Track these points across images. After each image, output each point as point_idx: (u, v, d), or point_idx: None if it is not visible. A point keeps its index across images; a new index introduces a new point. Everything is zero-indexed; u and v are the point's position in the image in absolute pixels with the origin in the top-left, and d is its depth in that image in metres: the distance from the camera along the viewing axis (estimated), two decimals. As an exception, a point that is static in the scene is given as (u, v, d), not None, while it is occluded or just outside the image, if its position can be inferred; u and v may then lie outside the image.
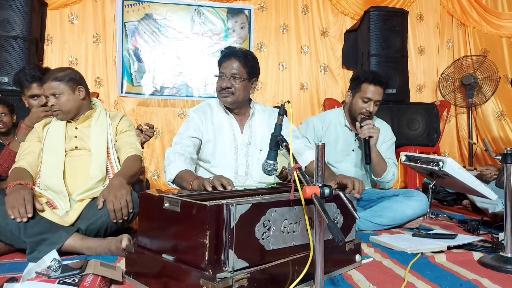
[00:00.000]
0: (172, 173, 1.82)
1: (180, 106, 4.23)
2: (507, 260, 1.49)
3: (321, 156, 1.07)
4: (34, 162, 1.85)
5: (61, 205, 1.73)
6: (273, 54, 4.43)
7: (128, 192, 1.68)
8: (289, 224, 1.20)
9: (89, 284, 1.13)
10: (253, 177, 1.97)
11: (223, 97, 1.95)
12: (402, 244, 1.75)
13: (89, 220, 1.65)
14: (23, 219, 1.51)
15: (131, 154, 1.93)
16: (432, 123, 3.95)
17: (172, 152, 1.91)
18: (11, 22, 3.46)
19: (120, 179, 1.75)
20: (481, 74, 4.37)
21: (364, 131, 2.20)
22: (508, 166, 1.53)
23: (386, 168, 2.28)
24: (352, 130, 2.39)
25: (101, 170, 1.85)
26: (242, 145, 2.00)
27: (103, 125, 1.97)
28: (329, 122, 2.41)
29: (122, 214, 1.64)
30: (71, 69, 2.02)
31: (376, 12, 4.03)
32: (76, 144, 1.90)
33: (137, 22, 4.16)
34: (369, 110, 2.25)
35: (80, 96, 1.94)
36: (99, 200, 1.66)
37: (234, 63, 1.92)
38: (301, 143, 2.05)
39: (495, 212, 2.35)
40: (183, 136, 1.97)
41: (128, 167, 1.87)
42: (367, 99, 2.24)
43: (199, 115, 2.02)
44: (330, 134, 2.39)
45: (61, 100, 1.89)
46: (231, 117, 2.03)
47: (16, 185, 1.63)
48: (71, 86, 1.91)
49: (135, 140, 2.03)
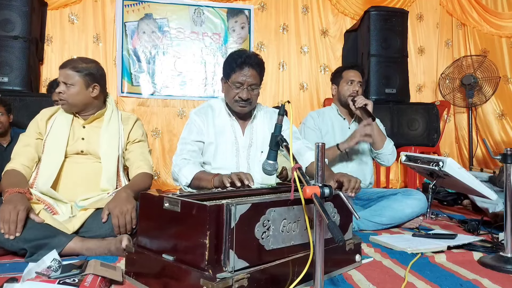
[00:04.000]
0: (188, 177, 1.81)
1: (180, 106, 4.22)
2: (507, 260, 1.49)
3: (321, 156, 1.07)
4: (28, 163, 1.78)
5: (62, 210, 1.70)
6: (273, 54, 4.43)
7: (134, 207, 1.63)
8: (288, 223, 1.20)
9: (89, 284, 1.13)
10: (255, 179, 1.95)
11: (240, 107, 1.92)
12: (402, 244, 1.75)
13: (93, 232, 1.64)
14: (10, 237, 1.47)
15: (144, 171, 1.88)
16: (432, 123, 3.95)
17: (179, 159, 1.90)
18: (11, 22, 3.46)
19: (128, 191, 1.71)
20: (481, 74, 4.37)
21: (358, 101, 2.37)
22: (508, 166, 1.53)
23: (385, 138, 2.43)
24: (345, 119, 2.55)
25: (112, 184, 1.80)
26: (243, 147, 1.98)
27: (115, 130, 1.87)
28: (323, 113, 2.59)
29: (126, 230, 1.61)
30: (96, 63, 1.88)
31: (376, 12, 4.03)
32: (82, 148, 1.81)
33: (137, 22, 4.16)
34: (355, 90, 2.45)
35: (93, 94, 1.83)
36: (104, 212, 1.63)
37: (251, 72, 1.87)
38: (302, 143, 2.05)
39: (495, 212, 2.35)
40: (187, 141, 1.95)
41: (138, 183, 1.82)
42: (350, 81, 2.47)
43: (201, 117, 1.99)
44: (326, 123, 2.54)
45: (71, 91, 1.78)
46: (233, 119, 2.01)
47: (15, 193, 1.58)
48: (86, 81, 1.80)
49: (148, 153, 1.98)
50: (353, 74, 2.48)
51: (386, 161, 2.48)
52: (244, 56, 1.87)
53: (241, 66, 1.86)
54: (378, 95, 3.96)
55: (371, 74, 3.94)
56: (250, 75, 1.87)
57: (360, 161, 2.49)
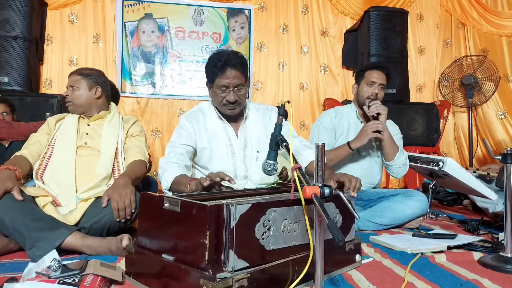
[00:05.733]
0: (168, 180, 1.80)
1: (180, 106, 4.22)
2: (507, 260, 1.49)
3: (321, 156, 1.07)
4: (36, 151, 1.90)
5: (64, 202, 1.74)
6: (273, 54, 4.43)
7: (133, 192, 1.70)
8: (289, 224, 1.20)
9: (89, 284, 1.13)
10: (253, 180, 1.95)
11: (230, 109, 1.89)
12: (402, 244, 1.75)
13: (92, 218, 1.68)
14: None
15: (138, 159, 1.95)
16: (432, 123, 3.95)
17: (165, 161, 1.89)
18: (11, 22, 3.46)
19: (126, 179, 1.77)
20: (481, 74, 4.37)
21: (372, 109, 2.28)
22: (508, 166, 1.53)
23: (397, 150, 2.32)
24: (362, 122, 2.45)
25: (107, 169, 1.87)
26: (238, 149, 1.95)
27: (115, 126, 2.02)
28: (342, 114, 2.49)
29: (126, 213, 1.66)
30: (100, 72, 2.12)
31: (376, 12, 4.03)
32: (86, 140, 1.94)
33: (137, 22, 4.16)
34: (374, 92, 2.35)
35: (95, 96, 2.03)
36: (103, 198, 1.68)
37: (234, 73, 1.81)
38: (299, 142, 2.03)
39: (495, 212, 2.35)
40: (175, 145, 1.94)
41: (133, 169, 1.89)
42: (371, 83, 2.37)
43: (190, 122, 1.96)
44: (343, 124, 2.45)
45: (75, 93, 1.99)
46: (225, 122, 1.97)
47: (4, 169, 1.68)
48: (89, 84, 2.02)
49: (144, 145, 2.06)
50: (376, 76, 2.37)
51: (396, 173, 2.38)
52: (223, 59, 1.81)
53: (223, 69, 1.81)
54: (378, 95, 3.96)
55: (371, 74, 3.94)
56: (234, 76, 1.81)
57: (369, 162, 2.43)
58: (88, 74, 2.03)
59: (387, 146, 2.30)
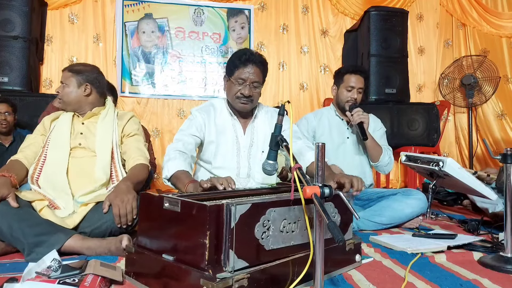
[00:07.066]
0: (170, 171, 1.80)
1: (180, 106, 4.23)
2: (507, 260, 1.49)
3: (321, 156, 1.07)
4: (31, 154, 1.87)
5: (62, 205, 1.72)
6: (273, 54, 4.43)
7: (135, 197, 1.66)
8: (288, 224, 1.20)
9: (89, 284, 1.13)
10: (255, 179, 1.96)
11: (242, 103, 1.92)
12: (402, 244, 1.75)
13: (93, 224, 1.65)
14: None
15: (140, 163, 1.91)
16: (432, 123, 3.95)
17: (173, 149, 1.88)
18: (11, 22, 3.47)
19: (128, 183, 1.73)
20: (481, 74, 4.37)
21: (355, 117, 2.33)
22: (508, 166, 1.53)
23: (381, 151, 2.40)
24: (343, 119, 2.52)
25: (106, 173, 1.83)
26: (244, 147, 1.98)
27: (109, 124, 1.95)
28: (321, 114, 2.57)
29: (127, 220, 1.62)
30: (93, 68, 2.03)
31: (376, 12, 4.04)
32: (80, 141, 1.89)
33: (137, 22, 4.16)
34: (353, 98, 2.41)
35: (84, 93, 1.94)
36: (105, 203, 1.65)
37: (255, 69, 1.88)
38: (303, 143, 2.04)
39: (495, 212, 2.35)
40: (185, 133, 1.95)
41: (135, 174, 1.85)
42: (350, 88, 2.42)
43: (202, 115, 1.99)
44: (323, 124, 2.52)
45: (65, 90, 1.94)
46: (234, 118, 2.01)
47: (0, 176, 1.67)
48: (79, 81, 1.94)
49: (143, 146, 2.01)
50: (354, 80, 2.41)
51: (382, 171, 2.51)
52: (248, 54, 1.89)
53: (245, 63, 1.88)
54: (378, 95, 3.97)
55: (371, 74, 3.94)
56: (253, 72, 1.88)
57: (360, 162, 2.48)
58: (79, 71, 1.96)
59: (371, 150, 2.40)
